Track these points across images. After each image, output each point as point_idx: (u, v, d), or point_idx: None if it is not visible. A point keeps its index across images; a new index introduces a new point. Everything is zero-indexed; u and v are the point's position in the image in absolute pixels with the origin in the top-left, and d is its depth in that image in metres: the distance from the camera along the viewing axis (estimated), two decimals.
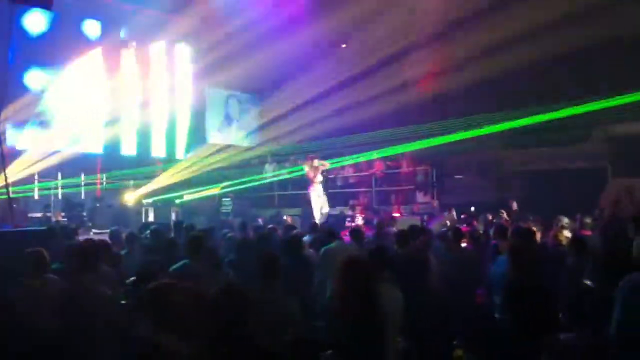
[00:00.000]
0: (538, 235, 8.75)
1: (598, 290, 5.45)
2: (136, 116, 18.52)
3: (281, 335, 3.30)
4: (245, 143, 22.32)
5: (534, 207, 14.42)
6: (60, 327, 4.17)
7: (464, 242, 8.04)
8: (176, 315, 3.10)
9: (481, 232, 9.89)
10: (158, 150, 19.38)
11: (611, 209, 13.32)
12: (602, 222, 11.48)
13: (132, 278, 5.54)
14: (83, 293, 4.30)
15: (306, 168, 15.25)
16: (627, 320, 4.15)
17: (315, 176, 14.89)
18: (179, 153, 19.78)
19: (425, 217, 15.03)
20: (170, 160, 19.33)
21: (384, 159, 18.55)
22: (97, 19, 17.31)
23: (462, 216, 14.18)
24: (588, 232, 9.02)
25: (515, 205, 13.14)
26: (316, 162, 15.05)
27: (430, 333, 5.93)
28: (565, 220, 9.16)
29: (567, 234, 8.71)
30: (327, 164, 15.66)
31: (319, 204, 14.98)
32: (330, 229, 7.47)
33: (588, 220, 9.79)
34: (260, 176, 19.85)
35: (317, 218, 14.36)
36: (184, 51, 20.00)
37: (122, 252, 7.16)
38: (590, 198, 16.75)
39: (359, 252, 6.41)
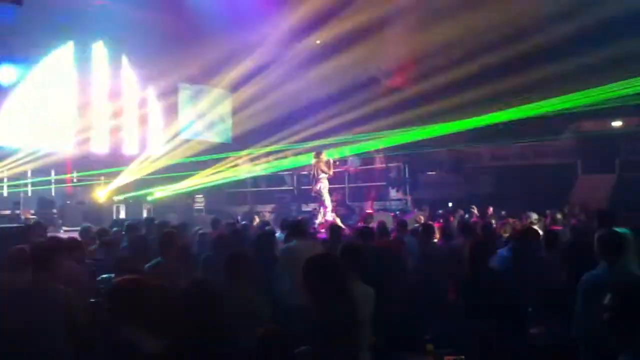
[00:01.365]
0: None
1: (567, 284, 5.57)
2: (107, 113, 18.33)
3: (250, 332, 3.31)
4: (218, 139, 22.21)
5: (504, 202, 14.61)
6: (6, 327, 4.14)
7: (435, 237, 8.11)
8: (143, 311, 3.09)
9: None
10: (130, 148, 19.20)
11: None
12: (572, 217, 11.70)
13: (104, 275, 5.50)
14: (32, 292, 4.27)
15: (321, 164, 14.33)
16: (587, 315, 4.23)
17: (330, 168, 14.28)
18: (152, 150, 19.61)
19: (398, 213, 15.12)
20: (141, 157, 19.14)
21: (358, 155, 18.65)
22: (68, 13, 17.07)
23: (439, 212, 14.29)
24: (559, 228, 9.17)
25: (491, 211, 13.21)
26: (325, 157, 14.50)
27: (401, 328, 5.98)
28: (535, 217, 9.31)
29: (536, 229, 8.86)
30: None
31: (328, 200, 14.47)
32: (297, 225, 6.87)
33: (559, 215, 9.96)
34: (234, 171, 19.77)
35: (327, 209, 14.07)
36: (157, 47, 19.78)
37: (92, 248, 7.12)
38: (560, 194, 17.04)
39: (322, 250, 6.29)
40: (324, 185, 14.23)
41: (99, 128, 18.23)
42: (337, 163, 15.98)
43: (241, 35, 16.81)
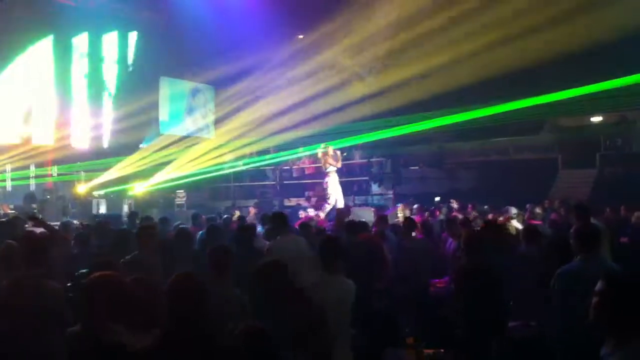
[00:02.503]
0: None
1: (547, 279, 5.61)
2: (87, 107, 18.20)
3: (231, 328, 3.28)
4: (200, 135, 22.12)
5: (485, 197, 14.68)
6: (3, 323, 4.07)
7: (416, 232, 8.12)
8: (119, 307, 3.06)
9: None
10: (109, 142, 19.07)
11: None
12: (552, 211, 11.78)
13: (82, 271, 5.44)
14: (28, 288, 4.20)
15: (327, 157, 14.18)
16: (564, 309, 4.25)
17: (338, 161, 14.09)
18: (131, 143, 19.47)
19: (380, 208, 15.10)
20: (122, 152, 19.00)
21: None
22: (48, 7, 16.91)
23: (425, 207, 14.25)
24: (538, 222, 9.22)
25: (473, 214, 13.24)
26: (331, 151, 14.23)
27: (382, 321, 6.00)
28: (514, 211, 9.37)
29: (515, 224, 8.93)
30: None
31: (340, 194, 14.23)
32: (279, 218, 6.69)
33: (538, 210, 10.02)
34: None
35: (339, 205, 13.71)
36: (138, 41, 19.67)
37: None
38: (541, 189, 17.18)
39: (307, 245, 6.26)
40: (331, 180, 14.08)
41: (79, 122, 18.07)
42: (345, 154, 15.68)
43: (224, 31, 16.74)
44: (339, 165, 14.20)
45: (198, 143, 20.56)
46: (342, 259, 4.57)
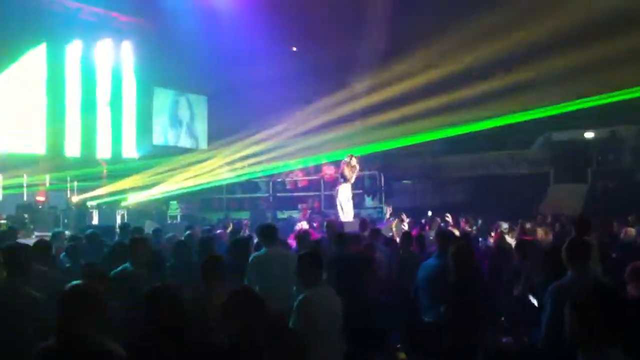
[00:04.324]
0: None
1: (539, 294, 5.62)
2: (80, 116, 18.19)
3: (220, 337, 3.30)
4: (194, 145, 22.14)
5: (477, 211, 14.71)
6: None
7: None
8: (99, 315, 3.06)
9: None
10: (103, 151, 19.03)
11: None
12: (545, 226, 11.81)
13: (75, 281, 5.42)
14: (6, 297, 4.20)
15: (344, 166, 13.93)
16: (556, 324, 4.25)
17: (351, 177, 13.82)
18: (125, 154, 19.46)
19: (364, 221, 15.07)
20: (115, 161, 18.98)
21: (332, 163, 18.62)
22: (41, 15, 16.93)
23: (422, 221, 14.25)
24: (529, 238, 9.26)
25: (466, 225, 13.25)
26: (354, 161, 13.91)
27: (371, 336, 5.99)
28: (505, 226, 9.41)
29: (509, 239, 8.97)
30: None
31: (349, 205, 14.02)
32: (266, 231, 6.48)
33: (528, 225, 10.06)
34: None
35: (350, 217, 13.61)
36: (132, 50, 19.70)
37: (62, 255, 7.02)
38: (532, 203, 17.23)
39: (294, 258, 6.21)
40: (341, 191, 13.89)
41: (72, 131, 18.04)
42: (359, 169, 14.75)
43: (218, 42, 16.79)
44: (350, 179, 13.91)
45: (190, 154, 20.58)
46: (320, 272, 4.55)
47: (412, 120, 17.00)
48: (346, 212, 13.87)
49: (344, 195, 13.89)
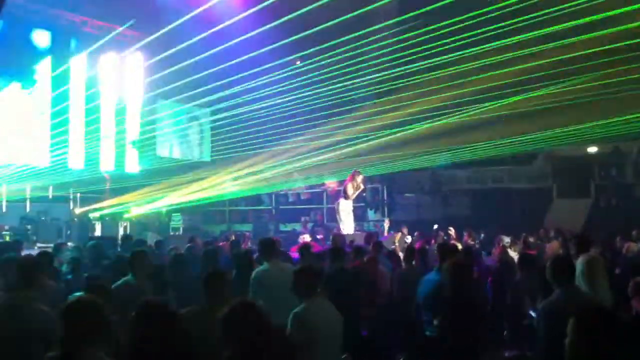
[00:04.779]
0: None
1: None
2: (83, 129, 18.23)
3: (216, 354, 3.28)
4: (197, 158, 22.18)
5: (480, 225, 14.69)
6: None
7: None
8: (98, 331, 3.05)
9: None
10: (107, 164, 19.03)
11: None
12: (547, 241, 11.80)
13: (78, 294, 5.43)
14: (15, 310, 4.19)
15: (348, 183, 14.00)
16: (549, 342, 4.25)
17: (353, 193, 13.87)
18: (129, 167, 19.47)
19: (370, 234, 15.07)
20: (119, 174, 18.99)
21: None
22: (46, 29, 17.03)
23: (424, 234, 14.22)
24: (532, 252, 9.24)
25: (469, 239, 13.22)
26: (359, 179, 13.98)
27: (373, 349, 5.98)
28: (506, 240, 9.40)
29: (512, 253, 8.96)
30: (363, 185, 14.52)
31: (349, 220, 14.01)
32: (267, 245, 6.43)
33: (531, 239, 10.06)
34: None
35: (350, 230, 13.63)
36: (136, 63, 19.76)
37: (64, 267, 7.02)
38: (535, 217, 17.21)
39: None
40: (342, 205, 13.86)
41: (76, 143, 18.07)
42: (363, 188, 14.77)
43: (222, 53, 16.83)
44: (351, 196, 13.89)
45: (194, 167, 20.61)
46: (315, 284, 4.56)
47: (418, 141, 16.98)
48: (347, 225, 13.86)
49: (345, 209, 13.89)
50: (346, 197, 13.84)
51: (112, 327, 3.27)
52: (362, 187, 14.09)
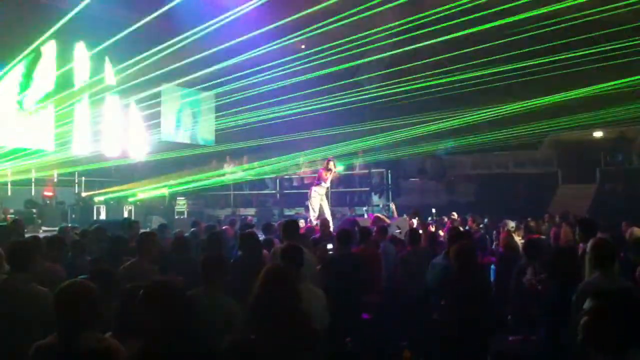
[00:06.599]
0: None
1: (545, 292, 5.60)
2: (88, 113, 18.21)
3: (221, 336, 3.28)
4: (200, 142, 22.16)
5: (484, 210, 14.67)
6: None
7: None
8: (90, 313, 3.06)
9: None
10: (111, 149, 19.03)
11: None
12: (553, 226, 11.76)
13: (82, 276, 5.44)
14: (10, 292, 4.21)
15: (323, 168, 14.03)
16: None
17: (326, 179, 13.78)
18: (133, 151, 19.45)
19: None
20: (123, 158, 19.00)
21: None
22: (50, 12, 16.96)
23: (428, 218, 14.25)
24: (536, 236, 9.23)
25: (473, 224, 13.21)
26: (332, 165, 13.94)
27: (376, 335, 5.99)
28: (511, 224, 9.38)
29: (516, 238, 8.95)
30: (337, 172, 14.71)
31: (320, 206, 13.79)
32: (291, 226, 6.41)
33: (532, 224, 10.04)
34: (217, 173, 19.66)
35: (314, 218, 13.41)
36: (139, 48, 19.65)
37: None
38: (540, 203, 17.17)
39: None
40: (315, 192, 13.74)
41: (81, 129, 18.07)
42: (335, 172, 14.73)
43: (224, 35, 16.76)
44: (325, 183, 13.82)
45: (198, 150, 20.61)
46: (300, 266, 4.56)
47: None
48: (320, 211, 13.80)
49: (318, 196, 13.85)
50: (320, 182, 13.82)
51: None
52: (333, 170, 14.10)
